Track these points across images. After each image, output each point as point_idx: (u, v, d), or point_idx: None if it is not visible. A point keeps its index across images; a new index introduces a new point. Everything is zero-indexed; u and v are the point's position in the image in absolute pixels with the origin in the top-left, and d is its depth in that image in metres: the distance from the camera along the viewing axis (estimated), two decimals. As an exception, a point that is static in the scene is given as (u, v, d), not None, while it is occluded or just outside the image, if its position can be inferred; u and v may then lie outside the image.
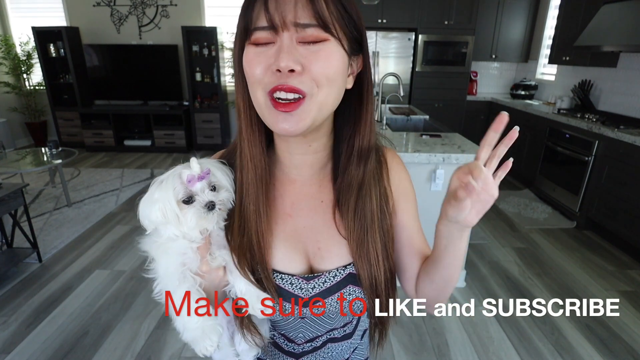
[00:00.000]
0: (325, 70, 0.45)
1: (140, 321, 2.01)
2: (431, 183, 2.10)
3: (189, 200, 0.50)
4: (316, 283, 0.58)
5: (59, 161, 3.24)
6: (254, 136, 0.53)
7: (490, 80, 5.19)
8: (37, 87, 5.31)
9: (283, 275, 0.58)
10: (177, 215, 0.49)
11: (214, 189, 0.52)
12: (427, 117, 3.24)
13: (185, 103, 5.20)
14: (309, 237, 0.59)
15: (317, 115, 0.48)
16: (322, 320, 0.63)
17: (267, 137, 0.57)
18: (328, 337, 0.66)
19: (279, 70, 0.44)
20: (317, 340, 0.65)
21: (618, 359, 1.82)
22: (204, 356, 0.54)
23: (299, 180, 0.60)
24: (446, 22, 4.35)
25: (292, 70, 0.44)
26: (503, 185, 3.77)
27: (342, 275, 0.58)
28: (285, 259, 0.58)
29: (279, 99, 0.46)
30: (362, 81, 0.53)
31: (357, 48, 0.50)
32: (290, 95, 0.45)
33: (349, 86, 0.52)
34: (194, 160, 0.50)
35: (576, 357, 1.83)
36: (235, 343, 0.62)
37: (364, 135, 0.54)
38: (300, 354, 0.66)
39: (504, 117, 0.43)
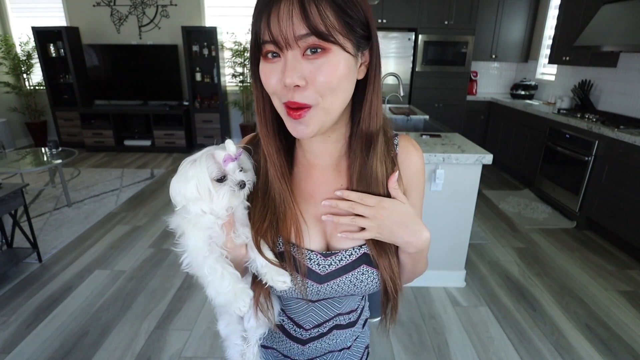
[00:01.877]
0: (329, 82, 0.48)
1: (140, 321, 2.01)
2: (431, 183, 2.10)
3: (221, 178, 0.54)
4: (333, 260, 0.61)
5: (59, 161, 3.24)
6: (268, 136, 0.57)
7: (490, 80, 5.19)
8: (37, 87, 5.32)
9: (303, 250, 0.61)
10: (210, 192, 0.53)
11: (241, 170, 0.56)
12: (427, 117, 3.24)
13: (185, 103, 5.20)
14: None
15: (324, 120, 0.52)
16: (331, 304, 0.67)
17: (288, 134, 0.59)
18: (334, 322, 0.69)
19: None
20: (324, 325, 0.68)
21: (618, 359, 1.82)
22: (238, 315, 0.61)
23: (320, 166, 0.63)
24: (446, 22, 4.35)
25: (297, 85, 0.47)
26: (503, 186, 3.77)
27: (358, 254, 0.61)
28: (306, 237, 0.61)
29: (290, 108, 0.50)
30: (369, 68, 0.55)
31: (365, 42, 0.51)
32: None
33: (361, 77, 0.54)
34: (229, 142, 0.54)
35: (576, 357, 1.83)
36: (245, 320, 0.66)
37: (366, 118, 0.57)
38: (307, 339, 0.69)
39: None
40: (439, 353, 1.85)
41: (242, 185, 0.54)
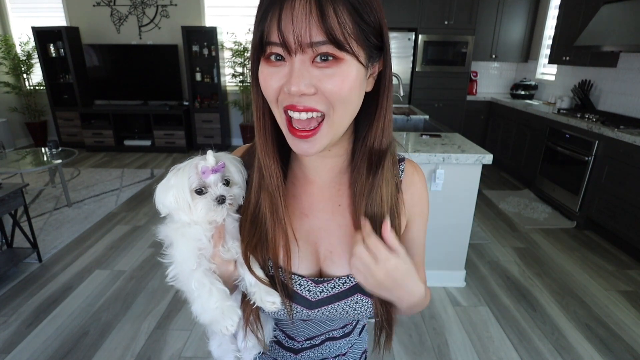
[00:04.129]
0: (339, 92, 0.44)
1: (140, 321, 2.01)
2: (431, 183, 2.10)
3: (201, 191, 0.51)
4: (325, 287, 0.57)
5: (59, 161, 3.24)
6: (266, 146, 0.53)
7: (490, 80, 5.19)
8: (37, 87, 5.32)
9: (292, 276, 0.57)
10: (188, 204, 0.50)
11: (227, 183, 0.53)
12: (427, 117, 3.24)
13: (185, 103, 5.20)
14: (322, 239, 0.59)
15: (333, 136, 0.48)
16: (324, 322, 0.64)
17: (286, 144, 0.55)
18: (327, 336, 0.67)
19: None
20: (316, 338, 0.67)
21: (618, 359, 1.82)
22: (223, 335, 0.56)
23: (317, 182, 0.59)
24: (446, 22, 4.35)
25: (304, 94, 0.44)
26: (503, 186, 3.77)
27: (352, 282, 0.58)
28: (296, 259, 0.58)
29: (293, 119, 0.46)
30: (381, 81, 0.51)
31: (377, 54, 0.48)
32: (304, 115, 0.45)
33: (369, 89, 0.50)
34: (209, 153, 0.52)
35: (576, 357, 1.83)
36: (238, 340, 0.62)
37: (376, 136, 0.53)
38: (300, 349, 0.68)
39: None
40: (439, 353, 1.85)
41: (220, 200, 0.51)
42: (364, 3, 0.43)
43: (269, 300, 0.54)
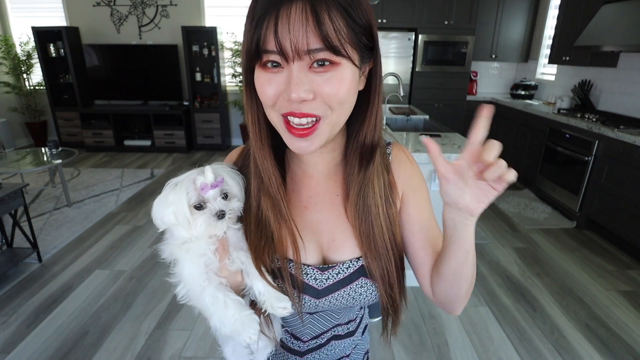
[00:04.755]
0: (337, 95, 0.46)
1: (140, 321, 2.01)
2: (431, 183, 2.10)
3: (200, 206, 0.51)
4: (330, 274, 0.59)
5: (59, 161, 3.24)
6: (263, 150, 0.54)
7: (490, 80, 5.19)
8: (37, 87, 5.32)
9: (300, 265, 0.58)
10: (188, 220, 0.51)
11: (225, 196, 0.53)
12: (427, 117, 3.24)
13: (185, 103, 5.20)
14: (324, 229, 0.60)
15: (330, 134, 0.50)
16: (330, 315, 0.65)
17: (280, 143, 0.56)
18: (332, 333, 0.67)
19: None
20: (322, 337, 0.67)
21: (618, 359, 1.82)
22: (247, 345, 0.56)
23: (315, 176, 0.61)
24: (446, 22, 4.35)
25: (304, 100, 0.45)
26: (503, 185, 3.72)
27: (355, 267, 0.59)
28: (302, 252, 0.59)
29: (293, 123, 0.47)
30: (371, 78, 0.52)
31: (368, 54, 0.49)
32: (304, 120, 0.46)
33: (361, 88, 0.52)
34: (208, 169, 0.52)
35: (576, 357, 1.83)
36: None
37: (367, 132, 0.55)
38: (305, 351, 0.68)
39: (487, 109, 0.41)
40: (439, 353, 1.85)
41: (220, 215, 0.51)
42: (355, 5, 0.44)
43: (280, 306, 0.55)
